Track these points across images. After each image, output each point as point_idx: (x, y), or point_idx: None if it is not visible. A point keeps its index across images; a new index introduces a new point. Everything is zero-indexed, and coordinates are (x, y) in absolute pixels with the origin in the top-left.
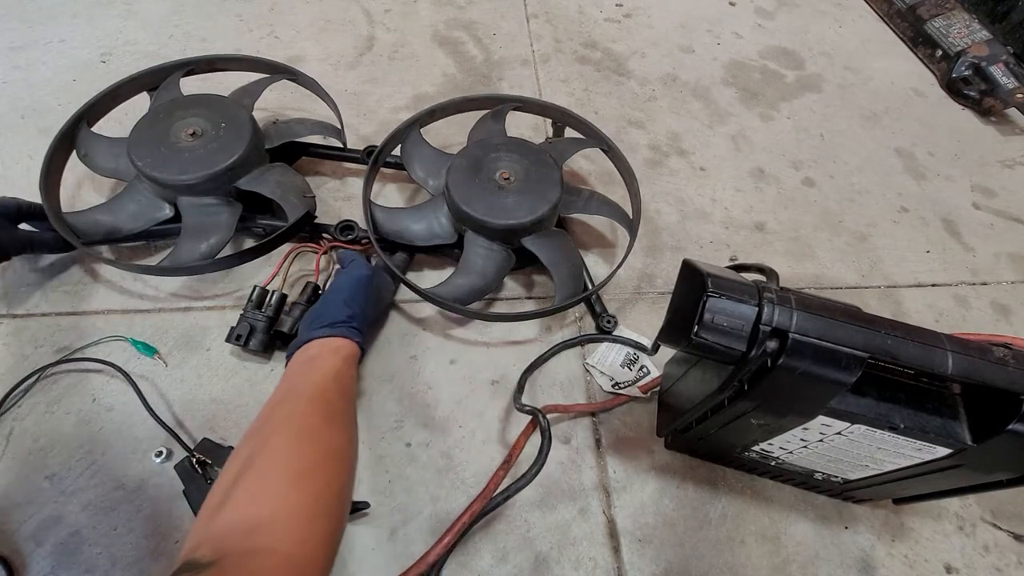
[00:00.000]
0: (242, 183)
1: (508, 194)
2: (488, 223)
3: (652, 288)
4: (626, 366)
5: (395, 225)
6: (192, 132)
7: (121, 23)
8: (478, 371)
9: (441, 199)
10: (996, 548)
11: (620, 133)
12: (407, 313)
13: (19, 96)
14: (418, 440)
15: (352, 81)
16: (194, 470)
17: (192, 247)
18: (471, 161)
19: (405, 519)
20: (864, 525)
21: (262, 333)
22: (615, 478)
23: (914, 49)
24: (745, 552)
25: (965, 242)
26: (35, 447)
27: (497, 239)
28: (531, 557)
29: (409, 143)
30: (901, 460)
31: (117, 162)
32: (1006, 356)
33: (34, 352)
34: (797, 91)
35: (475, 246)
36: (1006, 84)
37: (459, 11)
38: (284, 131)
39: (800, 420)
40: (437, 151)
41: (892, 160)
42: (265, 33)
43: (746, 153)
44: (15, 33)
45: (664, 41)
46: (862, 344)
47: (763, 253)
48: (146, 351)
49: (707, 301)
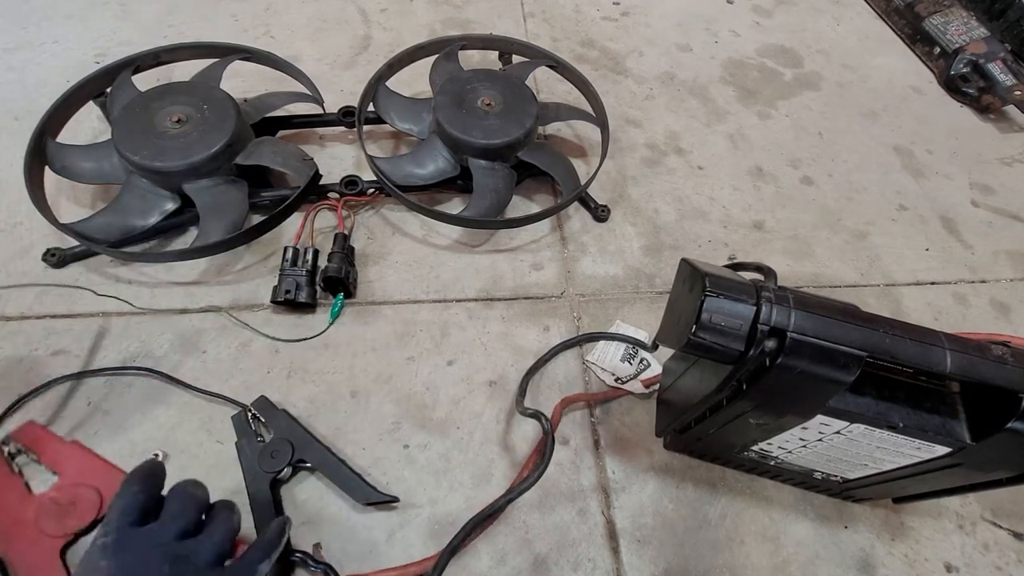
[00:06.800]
0: (241, 159)
1: (495, 117)
2: (488, 145)
3: (650, 287)
4: (626, 360)
5: (400, 171)
6: (177, 119)
7: (115, 24)
8: (476, 372)
9: (435, 138)
10: (996, 546)
11: (617, 131)
12: (406, 314)
13: (13, 98)
14: (416, 442)
15: (348, 81)
16: (247, 424)
17: (215, 226)
18: (452, 97)
19: (403, 521)
20: (864, 524)
21: (307, 286)
22: (614, 479)
23: (912, 46)
24: (745, 552)
25: (964, 240)
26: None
27: (498, 159)
28: (530, 558)
29: (381, 97)
30: (900, 459)
31: (101, 165)
32: (1004, 354)
33: (28, 355)
34: (795, 89)
35: (481, 169)
36: (1004, 81)
37: (456, 10)
38: (259, 106)
39: (799, 420)
40: (410, 99)
41: (891, 158)
42: (260, 33)
43: (744, 152)
44: (8, 34)
45: (661, 40)
46: (860, 343)
47: (761, 252)
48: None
49: (705, 300)
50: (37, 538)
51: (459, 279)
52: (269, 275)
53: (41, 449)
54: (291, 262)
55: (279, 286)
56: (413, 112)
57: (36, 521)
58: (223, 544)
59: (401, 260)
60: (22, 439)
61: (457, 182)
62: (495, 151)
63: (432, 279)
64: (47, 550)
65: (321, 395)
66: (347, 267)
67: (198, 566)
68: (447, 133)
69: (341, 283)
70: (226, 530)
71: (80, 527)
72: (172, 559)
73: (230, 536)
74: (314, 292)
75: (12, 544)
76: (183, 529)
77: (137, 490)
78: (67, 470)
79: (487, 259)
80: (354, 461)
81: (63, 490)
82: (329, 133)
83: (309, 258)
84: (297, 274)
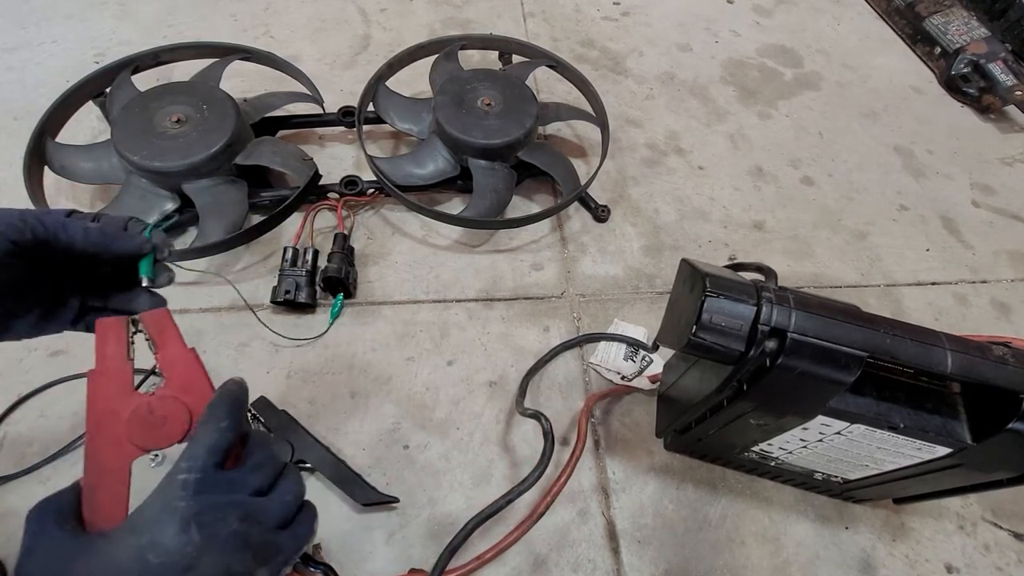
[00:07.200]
0: (241, 159)
1: (495, 117)
2: (488, 145)
3: (651, 288)
4: (629, 359)
5: (400, 172)
6: (177, 119)
7: (115, 23)
8: (475, 372)
9: (435, 138)
10: (997, 547)
11: (617, 131)
12: (406, 314)
13: (12, 98)
14: (416, 442)
15: (348, 81)
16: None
17: (215, 225)
18: (452, 97)
19: (403, 522)
20: (864, 525)
21: (307, 286)
22: (614, 479)
23: (913, 46)
24: (745, 553)
25: (965, 240)
26: (29, 451)
27: (498, 159)
28: (530, 559)
29: (381, 97)
30: (901, 460)
31: (101, 165)
32: (1005, 355)
33: (28, 355)
34: (795, 89)
35: (481, 169)
36: (1005, 81)
37: (455, 10)
38: (259, 106)
39: (799, 420)
40: (410, 99)
41: (891, 158)
42: (260, 33)
43: (744, 152)
44: (8, 34)
45: (662, 39)
46: (861, 343)
47: (762, 252)
48: None
49: (705, 301)
50: (119, 441)
51: (459, 279)
52: (269, 275)
53: (162, 343)
54: (291, 262)
55: (279, 286)
56: (413, 112)
57: (127, 422)
58: (290, 509)
59: (401, 260)
60: (151, 325)
61: (457, 182)
62: (495, 151)
63: (432, 279)
64: (122, 456)
65: (321, 395)
66: (347, 267)
67: (265, 527)
68: (447, 133)
69: (341, 283)
70: (295, 497)
71: (159, 448)
72: (243, 515)
73: (296, 502)
74: (314, 292)
75: (99, 433)
76: (260, 486)
77: (227, 427)
78: (174, 378)
79: (487, 259)
80: (354, 462)
81: (163, 401)
82: (329, 133)
83: (309, 258)
84: (297, 274)
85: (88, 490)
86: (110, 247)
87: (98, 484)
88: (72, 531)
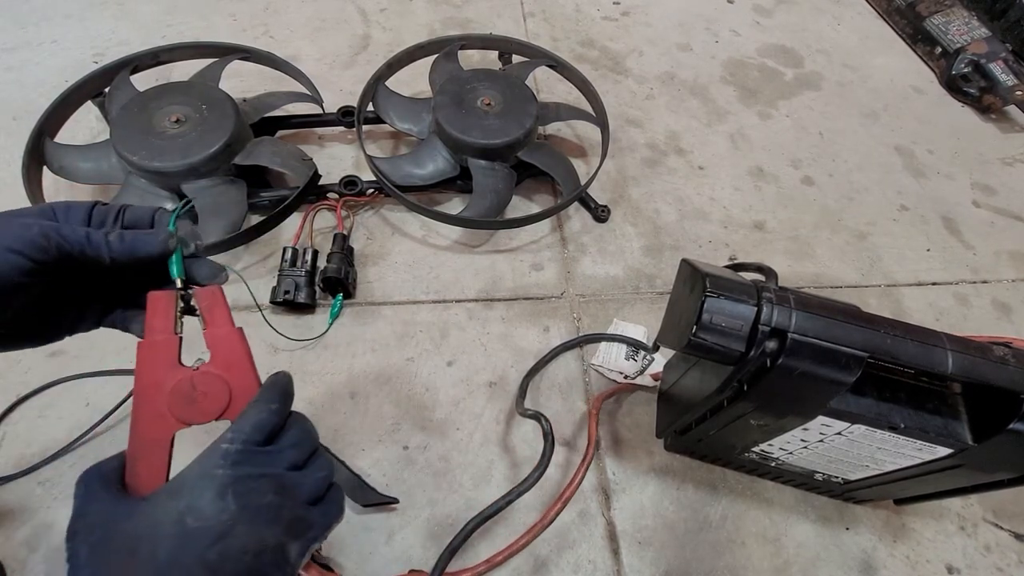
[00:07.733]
0: (240, 159)
1: (495, 117)
2: (488, 145)
3: (651, 288)
4: (630, 359)
5: (400, 172)
6: (176, 119)
7: (114, 23)
8: (475, 373)
9: (434, 138)
10: (998, 548)
11: (617, 131)
12: (405, 314)
13: (11, 97)
14: (415, 443)
15: (348, 81)
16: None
17: (215, 225)
18: (452, 97)
19: (403, 523)
20: (865, 526)
21: (306, 286)
22: (614, 480)
23: (913, 46)
24: (746, 554)
25: (965, 240)
26: (27, 452)
27: (497, 159)
28: (530, 560)
29: (380, 97)
30: (902, 460)
31: (100, 165)
32: (1006, 355)
33: (27, 356)
34: (796, 89)
35: (481, 169)
36: (1005, 81)
37: (455, 9)
38: (259, 106)
39: (800, 420)
40: (409, 99)
41: (892, 158)
42: (260, 33)
43: (745, 152)
44: (7, 34)
45: (662, 39)
46: (862, 343)
47: (762, 252)
48: None
49: (706, 301)
50: (162, 413)
51: (459, 279)
52: (268, 275)
53: (211, 320)
54: (290, 263)
55: (278, 287)
56: (413, 112)
57: (169, 395)
58: (322, 486)
59: (401, 260)
60: (203, 300)
61: (457, 182)
62: (495, 151)
63: (432, 279)
64: (164, 428)
65: (320, 396)
66: (346, 267)
67: (297, 500)
68: (447, 133)
69: (340, 283)
70: (327, 474)
71: (197, 423)
72: (279, 488)
73: (328, 479)
74: (313, 293)
75: (142, 404)
76: (295, 461)
77: (275, 409)
78: (219, 355)
79: (487, 259)
80: (353, 462)
81: (205, 377)
82: (328, 133)
83: (308, 258)
84: (296, 275)
85: (131, 459)
86: (135, 254)
87: (139, 454)
88: (115, 495)
